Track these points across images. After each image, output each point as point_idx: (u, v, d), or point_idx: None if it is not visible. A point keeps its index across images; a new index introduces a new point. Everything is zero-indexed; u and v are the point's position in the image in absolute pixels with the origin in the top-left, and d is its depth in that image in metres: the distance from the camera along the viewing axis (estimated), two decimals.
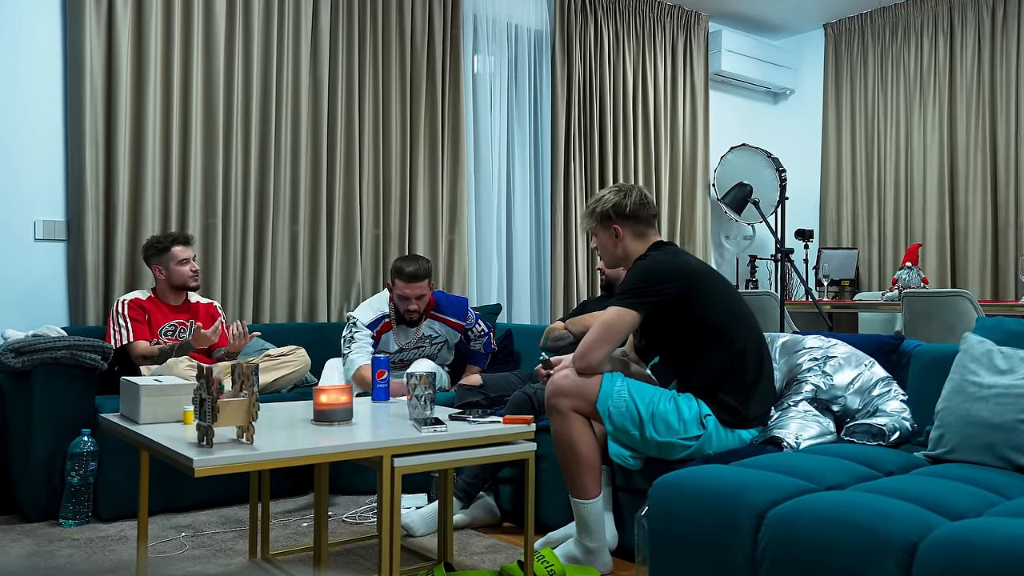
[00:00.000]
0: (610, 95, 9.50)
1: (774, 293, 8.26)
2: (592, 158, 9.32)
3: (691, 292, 4.28)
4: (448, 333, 6.68)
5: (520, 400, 5.19)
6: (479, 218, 8.64)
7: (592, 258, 9.20)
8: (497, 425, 3.92)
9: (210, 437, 3.20)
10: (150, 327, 6.13)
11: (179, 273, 6.22)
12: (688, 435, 4.21)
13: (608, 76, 9.49)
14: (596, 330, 4.31)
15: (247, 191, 7.18)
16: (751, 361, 4.34)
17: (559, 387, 4.35)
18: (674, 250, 4.50)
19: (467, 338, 6.80)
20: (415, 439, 3.57)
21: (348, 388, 3.93)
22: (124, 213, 6.58)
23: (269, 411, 4.23)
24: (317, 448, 3.27)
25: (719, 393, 4.28)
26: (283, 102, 7.36)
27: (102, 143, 6.53)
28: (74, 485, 5.22)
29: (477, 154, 8.64)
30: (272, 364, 6.07)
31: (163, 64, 6.80)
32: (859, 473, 3.42)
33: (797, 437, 4.30)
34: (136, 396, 3.83)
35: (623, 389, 4.28)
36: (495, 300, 8.57)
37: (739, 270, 10.78)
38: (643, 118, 9.81)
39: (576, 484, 4.35)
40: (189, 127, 6.89)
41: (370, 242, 7.84)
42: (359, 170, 7.75)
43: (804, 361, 4.75)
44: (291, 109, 7.43)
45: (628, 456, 4.33)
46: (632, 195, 4.58)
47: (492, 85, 8.75)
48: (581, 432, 4.32)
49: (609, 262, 4.73)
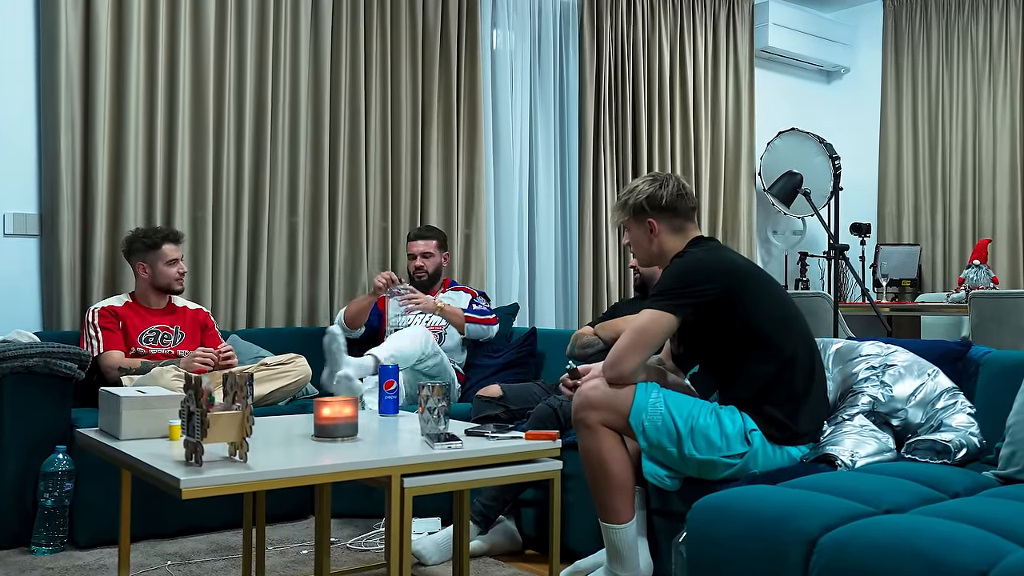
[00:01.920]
0: (644, 74, 9.47)
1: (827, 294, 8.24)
2: (624, 144, 9.30)
3: (735, 293, 4.27)
4: (456, 298, 7.09)
5: (544, 413, 5.18)
6: (498, 210, 8.63)
7: (625, 255, 9.17)
8: (519, 441, 3.92)
9: (199, 455, 3.21)
10: (126, 336, 6.12)
11: (165, 274, 6.23)
12: (731, 452, 4.20)
13: (642, 53, 9.46)
14: (629, 336, 4.29)
15: (240, 180, 7.18)
16: (801, 370, 4.33)
17: (588, 399, 4.33)
18: (716, 246, 4.50)
19: (472, 305, 7.10)
20: (427, 457, 3.57)
21: (353, 401, 3.93)
22: (103, 206, 6.59)
23: (265, 426, 4.24)
24: (318, 467, 3.28)
25: (766, 406, 4.27)
26: (280, 81, 7.36)
27: (79, 128, 6.53)
28: (48, 508, 5.23)
29: (496, 139, 8.63)
30: (269, 374, 6.07)
31: (147, 39, 6.80)
32: (921, 495, 3.41)
33: (852, 455, 4.29)
34: (117, 409, 3.84)
35: (659, 401, 4.26)
36: (515, 300, 8.54)
37: (788, 269, 10.75)
38: (681, 100, 9.78)
39: (607, 507, 4.34)
40: (176, 109, 6.89)
41: (377, 236, 7.84)
42: (365, 157, 7.75)
43: (860, 370, 4.74)
44: (289, 88, 7.43)
45: (664, 476, 4.32)
46: (668, 185, 4.57)
47: (513, 63, 8.74)
48: (612, 449, 4.31)
49: (643, 260, 4.73)
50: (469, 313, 6.90)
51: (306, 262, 7.51)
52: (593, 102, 9.08)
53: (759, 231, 10.71)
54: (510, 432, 4.02)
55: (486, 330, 6.95)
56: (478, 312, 6.96)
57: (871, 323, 10.26)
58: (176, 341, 6.24)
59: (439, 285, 7.20)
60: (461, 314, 6.86)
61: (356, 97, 7.71)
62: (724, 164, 10.17)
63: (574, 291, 9.08)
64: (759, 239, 10.71)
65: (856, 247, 10.60)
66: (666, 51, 9.66)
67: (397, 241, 7.90)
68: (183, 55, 6.91)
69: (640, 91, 9.43)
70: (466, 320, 6.86)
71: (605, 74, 9.16)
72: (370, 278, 7.69)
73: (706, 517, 3.34)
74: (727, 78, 10.26)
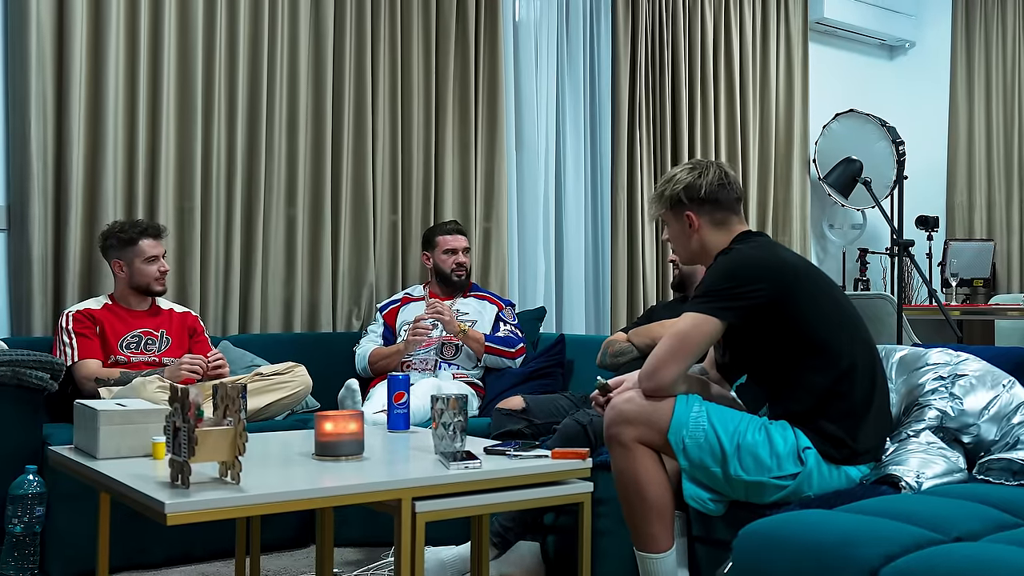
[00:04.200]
0: (685, 49, 9.45)
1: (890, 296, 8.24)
2: (663, 128, 9.30)
3: (787, 294, 4.26)
4: (482, 309, 7.12)
5: (572, 430, 5.18)
6: (522, 201, 8.63)
7: (663, 252, 9.16)
8: (544, 460, 3.92)
9: (186, 475, 3.21)
10: (105, 343, 6.13)
11: (144, 273, 6.23)
12: (782, 473, 4.19)
13: (683, 25, 9.45)
14: (668, 342, 4.28)
15: (232, 167, 7.18)
16: (861, 381, 4.32)
17: (622, 413, 4.31)
18: (765, 242, 4.49)
19: (499, 322, 7.13)
20: (442, 478, 3.57)
21: (358, 415, 3.93)
22: (79, 196, 6.58)
23: (260, 443, 4.25)
24: (320, 489, 3.28)
25: (822, 421, 4.26)
26: (277, 56, 7.35)
27: (51, 108, 6.53)
28: (16, 535, 5.23)
29: (519, 122, 8.62)
30: (264, 385, 6.07)
31: (127, 8, 6.79)
32: (996, 520, 3.40)
33: (918, 475, 4.28)
34: (94, 424, 3.85)
35: (701, 416, 4.25)
36: (540, 304, 8.51)
37: (846, 267, 10.75)
38: (726, 78, 9.78)
39: (643, 534, 4.33)
40: (160, 87, 6.87)
41: (386, 231, 7.84)
42: (372, 141, 7.75)
43: (927, 381, 4.72)
44: (287, 64, 7.42)
45: (707, 499, 4.31)
46: (709, 173, 4.56)
47: (538, 35, 8.72)
48: (649, 469, 4.30)
49: (684, 258, 4.72)
50: (491, 343, 6.95)
51: (306, 260, 7.50)
52: (628, 80, 9.06)
53: (813, 225, 10.69)
54: (534, 450, 4.03)
55: (506, 363, 7.01)
56: (502, 342, 7.00)
57: (939, 328, 10.24)
58: (161, 347, 6.25)
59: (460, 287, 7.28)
60: (483, 342, 6.92)
61: (362, 73, 7.69)
62: (774, 150, 10.17)
63: (606, 293, 9.06)
64: (813, 234, 10.69)
65: (922, 243, 10.58)
66: (709, 22, 9.65)
67: (408, 236, 7.89)
68: (168, 26, 6.90)
69: (681, 68, 9.41)
70: (486, 351, 6.93)
71: (641, 49, 9.14)
72: (377, 278, 7.71)
73: (754, 545, 3.34)
74: (778, 53, 10.24)
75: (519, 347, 7.03)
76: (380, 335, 7.12)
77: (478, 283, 7.80)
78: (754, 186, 9.96)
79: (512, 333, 7.10)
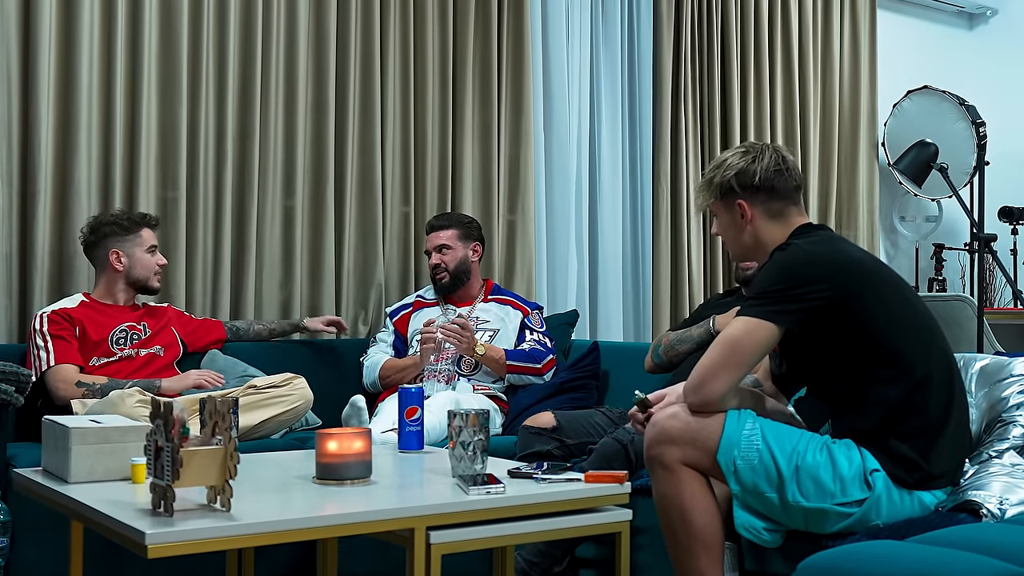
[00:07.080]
0: (736, 18, 9.45)
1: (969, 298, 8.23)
2: (711, 108, 9.31)
3: (852, 296, 4.25)
4: (505, 316, 7.08)
5: (610, 449, 5.18)
6: (551, 192, 8.62)
7: (712, 248, 9.16)
8: (577, 484, 3.92)
9: (169, 502, 3.22)
10: (85, 345, 6.13)
11: (145, 264, 6.27)
12: (847, 499, 4.18)
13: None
14: (717, 350, 4.27)
15: (222, 151, 7.17)
16: (937, 395, 4.30)
17: (664, 431, 4.30)
18: (828, 236, 4.49)
19: (525, 330, 7.08)
20: (460, 505, 3.57)
21: (365, 433, 3.93)
22: (47, 186, 6.57)
23: (253, 464, 4.25)
24: (321, 517, 3.28)
25: (892, 439, 4.24)
26: (273, 23, 7.34)
27: (16, 85, 6.52)
28: None
29: (548, 102, 8.61)
30: (258, 399, 6.05)
31: None
32: None
33: (1001, 502, 4.27)
34: (65, 444, 3.85)
35: (755, 434, 4.24)
36: (572, 307, 8.47)
37: (919, 265, 10.74)
38: (784, 51, 9.78)
39: (688, 567, 4.32)
40: (140, 60, 6.86)
41: (396, 224, 7.85)
42: (381, 123, 7.75)
43: (1011, 394, 4.72)
44: (285, 34, 7.42)
45: (762, 528, 4.31)
46: (765, 158, 4.55)
47: (570, 3, 8.73)
48: (695, 494, 4.29)
49: (736, 253, 4.72)
50: (513, 361, 6.91)
51: (305, 256, 7.50)
52: (671, 54, 9.05)
53: (882, 217, 10.69)
54: (565, 472, 4.02)
55: (533, 380, 6.97)
56: (526, 357, 6.95)
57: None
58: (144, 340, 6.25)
59: (479, 290, 7.26)
60: (503, 362, 6.86)
61: (370, 46, 7.68)
62: (838, 133, 10.16)
63: (647, 295, 9.02)
64: (882, 227, 10.69)
65: (1006, 237, 10.56)
66: None
67: (421, 231, 7.76)
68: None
69: (731, 40, 9.41)
70: (508, 370, 6.90)
71: (686, 18, 9.13)
72: (387, 277, 7.70)
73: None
74: (842, 23, 10.25)
75: (547, 360, 6.97)
76: (390, 344, 7.10)
77: (500, 284, 7.79)
78: (815, 173, 9.94)
79: (539, 344, 7.04)
